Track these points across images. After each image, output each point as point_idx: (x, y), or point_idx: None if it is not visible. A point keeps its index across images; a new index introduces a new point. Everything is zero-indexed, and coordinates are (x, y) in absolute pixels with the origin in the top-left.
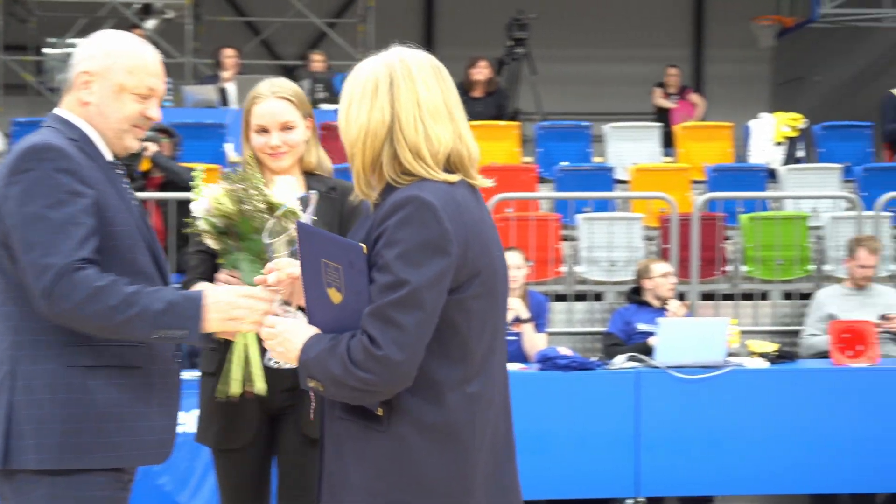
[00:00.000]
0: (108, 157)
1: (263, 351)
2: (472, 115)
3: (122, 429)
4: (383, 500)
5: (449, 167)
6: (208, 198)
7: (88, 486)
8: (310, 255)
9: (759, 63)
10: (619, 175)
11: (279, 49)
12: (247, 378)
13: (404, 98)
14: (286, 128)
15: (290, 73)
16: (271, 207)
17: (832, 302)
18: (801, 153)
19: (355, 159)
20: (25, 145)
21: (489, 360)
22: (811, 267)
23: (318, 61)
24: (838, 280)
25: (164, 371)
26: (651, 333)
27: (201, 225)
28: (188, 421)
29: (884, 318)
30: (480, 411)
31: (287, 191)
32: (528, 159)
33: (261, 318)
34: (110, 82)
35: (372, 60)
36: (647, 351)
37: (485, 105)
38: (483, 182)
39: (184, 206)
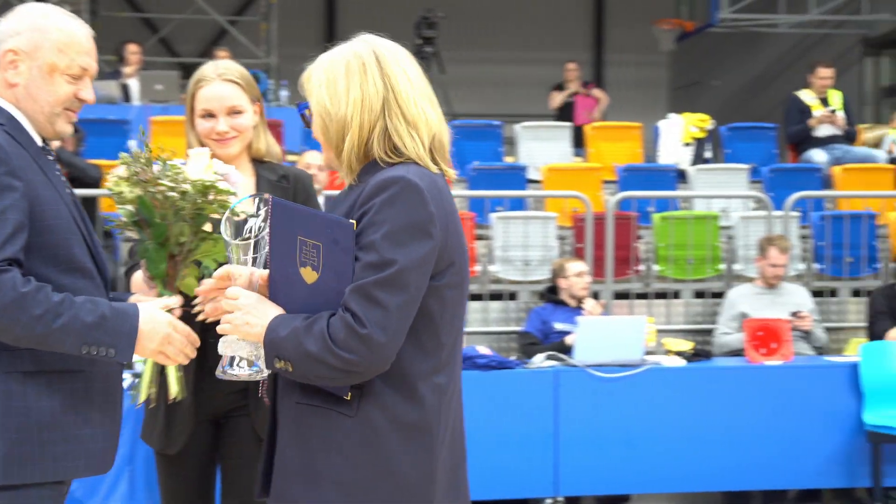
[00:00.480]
0: (38, 142)
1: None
2: None
3: (66, 438)
4: (353, 490)
5: (430, 153)
6: (110, 182)
7: (31, 501)
8: (283, 232)
9: (658, 67)
10: (531, 175)
11: (178, 47)
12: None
13: (396, 73)
14: (234, 112)
15: (193, 70)
16: (195, 187)
17: (744, 301)
18: (708, 154)
19: (348, 137)
20: None
21: (454, 353)
22: (722, 266)
23: (223, 58)
24: (748, 279)
25: (106, 374)
26: (568, 332)
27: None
28: None
29: (795, 316)
30: (446, 404)
31: (202, 166)
32: None
33: (190, 355)
34: (40, 62)
35: (343, 46)
36: (565, 350)
37: None
38: (452, 174)
39: (89, 203)
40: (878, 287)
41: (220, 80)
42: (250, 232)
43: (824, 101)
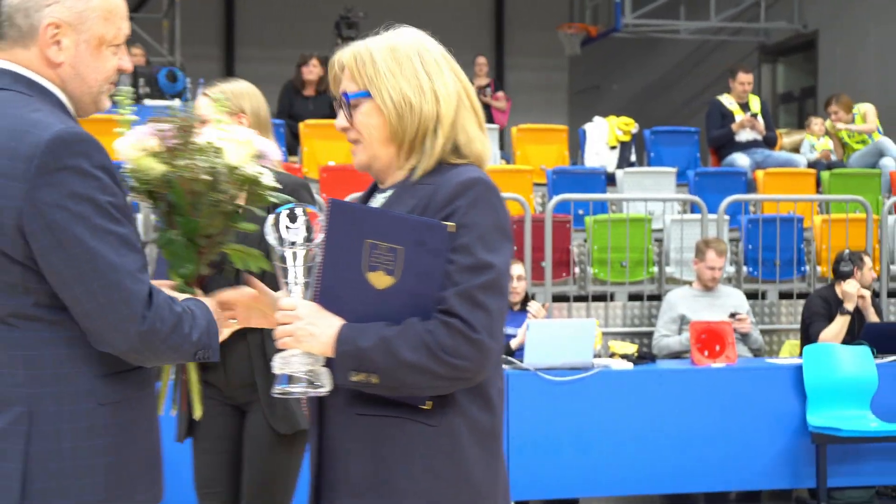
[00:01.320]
0: None
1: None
2: (305, 114)
3: (157, 463)
4: (434, 501)
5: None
6: (128, 146)
7: None
8: (344, 236)
9: (558, 71)
10: None
11: None
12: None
13: (458, 69)
14: None
15: None
16: (233, 176)
17: (682, 303)
18: (633, 157)
19: (439, 133)
20: (49, 135)
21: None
22: (654, 269)
23: (136, 55)
24: (680, 282)
25: (151, 395)
26: (511, 336)
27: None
28: None
29: (733, 318)
30: (502, 409)
31: (242, 150)
32: None
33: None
34: (87, 35)
35: (394, 36)
36: (510, 353)
37: (316, 104)
38: None
39: None
40: (815, 290)
41: (202, 95)
42: (297, 237)
43: (744, 107)
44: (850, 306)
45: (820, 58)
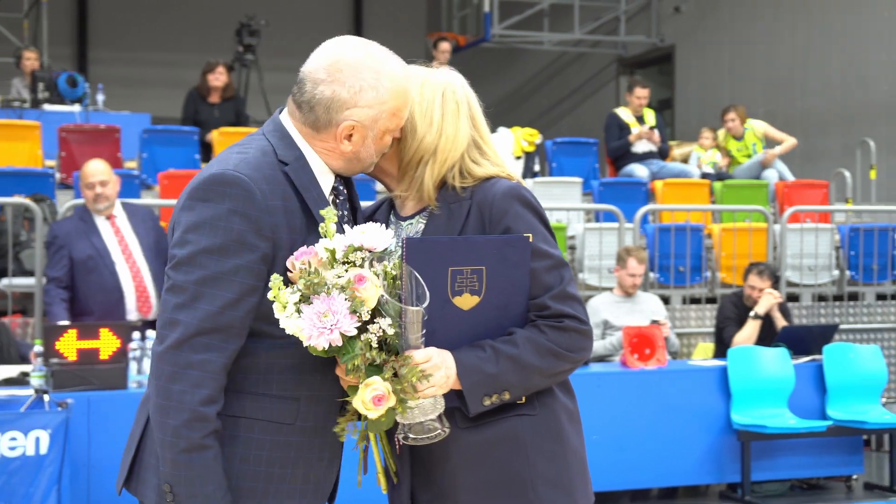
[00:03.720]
0: (329, 183)
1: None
2: (211, 120)
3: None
4: (560, 481)
5: None
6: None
7: None
8: (427, 270)
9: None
10: (379, 186)
11: None
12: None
13: (477, 112)
14: None
15: None
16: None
17: (605, 308)
18: (536, 167)
19: (428, 165)
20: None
21: None
22: None
23: (31, 59)
24: (595, 288)
25: None
26: None
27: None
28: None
29: (655, 323)
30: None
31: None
32: None
33: None
34: (376, 132)
35: (426, 70)
36: None
37: (222, 111)
38: None
39: None
40: (725, 295)
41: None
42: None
43: (640, 119)
44: (761, 311)
45: (676, 71)
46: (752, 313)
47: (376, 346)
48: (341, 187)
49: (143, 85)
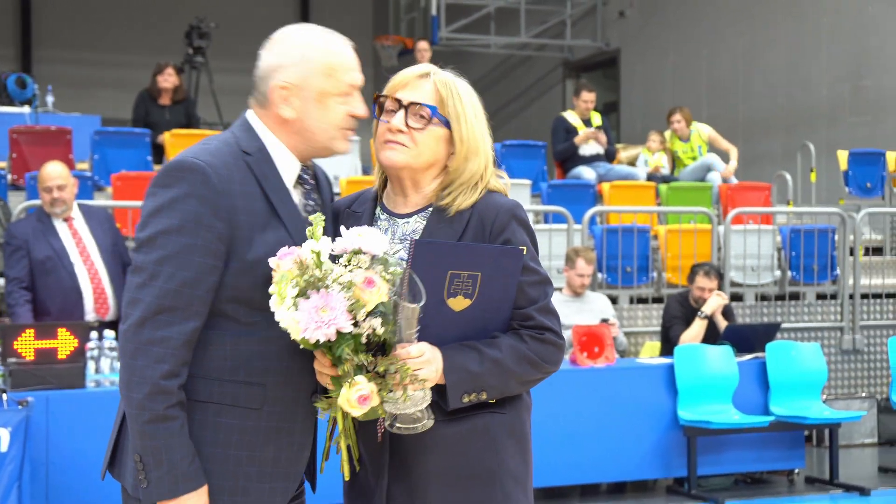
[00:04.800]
0: (292, 172)
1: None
2: (162, 122)
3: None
4: (519, 476)
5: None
6: (367, 299)
7: None
8: (428, 270)
9: (365, 82)
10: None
11: None
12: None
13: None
14: None
15: None
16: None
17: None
18: None
19: (474, 161)
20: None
21: None
22: None
23: None
24: None
25: None
26: None
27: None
28: None
29: (604, 322)
30: None
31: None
32: None
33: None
34: (310, 92)
35: (452, 75)
36: None
37: (172, 113)
38: None
39: None
40: (672, 294)
41: None
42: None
43: (587, 123)
44: (708, 311)
45: (621, 74)
46: (700, 313)
47: (364, 347)
48: (306, 176)
49: (89, 86)
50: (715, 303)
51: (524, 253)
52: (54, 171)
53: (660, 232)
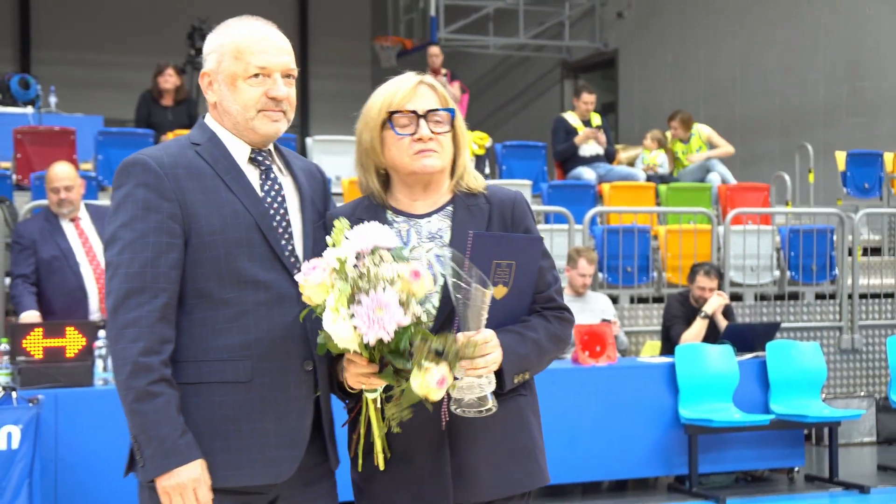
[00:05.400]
0: (242, 154)
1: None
2: (164, 123)
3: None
4: (542, 452)
5: None
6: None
7: None
8: (481, 261)
9: (361, 81)
10: (333, 188)
11: None
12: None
13: None
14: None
15: None
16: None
17: None
18: (487, 170)
19: (462, 156)
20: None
21: None
22: None
23: None
24: None
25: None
26: None
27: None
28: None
29: (605, 321)
30: None
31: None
32: None
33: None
34: (223, 75)
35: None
36: None
37: (175, 113)
38: None
39: None
40: (672, 294)
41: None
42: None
43: (587, 124)
44: (709, 310)
45: (620, 75)
46: (701, 313)
47: (431, 333)
48: (260, 157)
49: (86, 87)
50: (716, 303)
51: (542, 242)
52: (62, 172)
53: (660, 232)
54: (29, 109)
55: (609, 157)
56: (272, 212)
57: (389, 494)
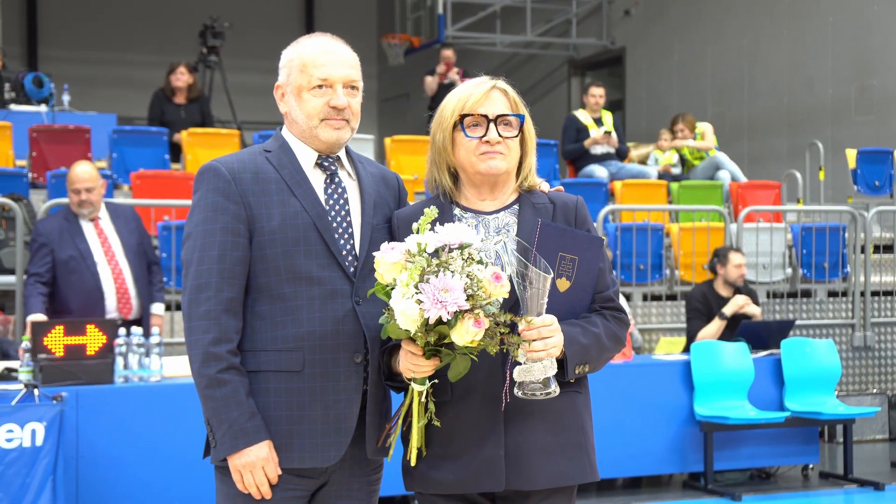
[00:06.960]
0: (308, 161)
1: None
2: (177, 121)
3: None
4: (593, 451)
5: None
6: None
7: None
8: (548, 252)
9: (368, 79)
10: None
11: None
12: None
13: None
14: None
15: None
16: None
17: None
18: None
19: (529, 158)
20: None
21: None
22: None
23: None
24: None
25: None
26: None
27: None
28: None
29: None
30: None
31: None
32: None
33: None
34: (291, 87)
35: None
36: None
37: (188, 111)
38: None
39: None
40: (698, 285)
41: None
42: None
43: (598, 121)
44: (728, 312)
45: (627, 73)
46: (720, 313)
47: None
48: (327, 164)
49: (95, 85)
50: (735, 304)
51: (603, 242)
52: (84, 173)
53: (672, 230)
54: (43, 108)
55: (621, 155)
56: (333, 213)
57: (440, 475)
